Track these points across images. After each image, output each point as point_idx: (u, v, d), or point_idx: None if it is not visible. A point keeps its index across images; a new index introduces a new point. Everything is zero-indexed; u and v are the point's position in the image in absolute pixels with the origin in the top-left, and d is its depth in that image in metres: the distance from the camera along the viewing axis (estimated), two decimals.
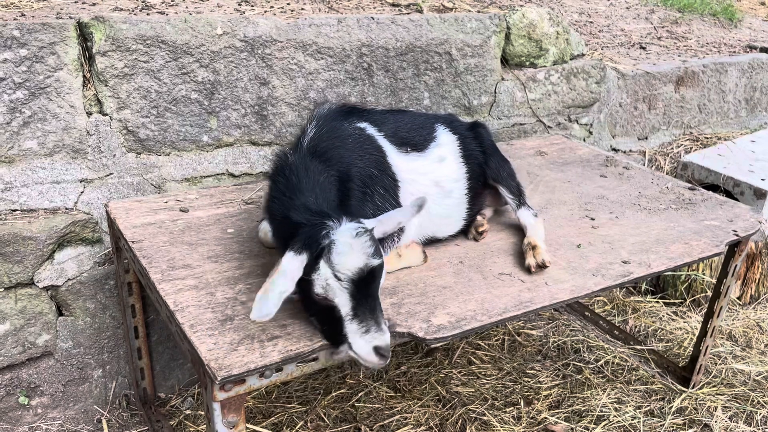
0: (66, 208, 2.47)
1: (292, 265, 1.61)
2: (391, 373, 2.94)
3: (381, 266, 1.66)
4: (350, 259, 1.60)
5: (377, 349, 1.59)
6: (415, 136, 2.22)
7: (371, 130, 2.10)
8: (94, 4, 2.88)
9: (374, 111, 2.26)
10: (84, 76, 2.48)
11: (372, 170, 1.99)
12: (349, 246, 1.61)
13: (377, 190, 1.98)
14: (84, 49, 2.46)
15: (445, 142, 2.27)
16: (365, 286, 1.62)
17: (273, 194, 1.88)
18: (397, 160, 2.09)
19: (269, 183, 1.94)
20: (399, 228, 1.91)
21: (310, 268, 1.62)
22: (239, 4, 3.19)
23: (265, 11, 3.05)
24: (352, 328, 1.61)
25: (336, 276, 1.60)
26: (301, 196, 1.78)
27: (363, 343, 1.60)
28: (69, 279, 2.44)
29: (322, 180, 1.84)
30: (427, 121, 2.32)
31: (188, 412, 2.69)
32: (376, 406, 2.74)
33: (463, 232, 2.32)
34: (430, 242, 2.22)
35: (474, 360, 3.07)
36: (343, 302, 1.61)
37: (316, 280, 1.62)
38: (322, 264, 1.61)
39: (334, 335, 1.65)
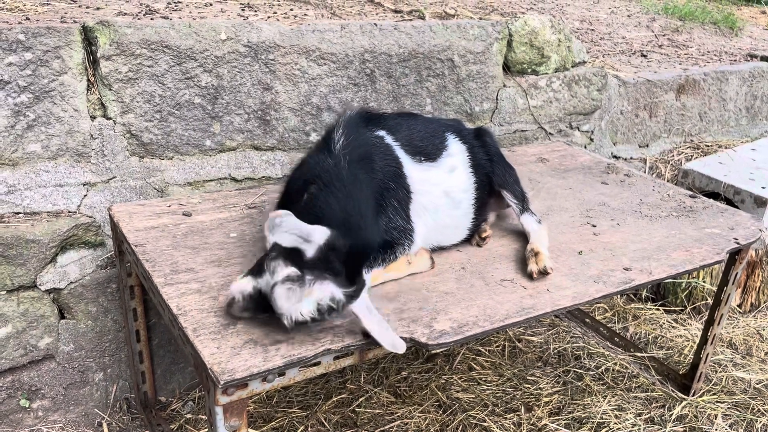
0: (69, 212, 2.48)
1: (269, 272, 1.66)
2: (392, 379, 2.95)
3: (312, 322, 1.62)
4: (282, 307, 1.59)
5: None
6: (428, 145, 2.22)
7: (389, 139, 2.11)
8: (98, 9, 2.90)
9: (388, 116, 2.27)
10: (88, 80, 2.49)
11: (389, 183, 2.00)
12: (291, 299, 1.59)
13: (391, 202, 1.99)
14: (88, 53, 2.47)
15: (456, 152, 2.28)
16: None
17: (313, 193, 1.87)
18: (412, 170, 2.10)
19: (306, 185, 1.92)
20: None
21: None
22: (242, 10, 3.21)
23: (269, 17, 3.07)
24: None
25: (271, 299, 1.62)
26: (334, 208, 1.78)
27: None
28: (71, 282, 2.45)
29: (356, 194, 1.84)
30: (438, 129, 2.32)
31: (189, 416, 2.69)
32: (377, 411, 2.74)
33: (466, 239, 2.33)
34: (433, 250, 2.23)
35: (474, 366, 3.08)
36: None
37: (266, 271, 1.66)
38: (277, 281, 1.61)
39: None
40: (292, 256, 1.65)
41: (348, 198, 1.83)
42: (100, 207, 2.53)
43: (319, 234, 1.68)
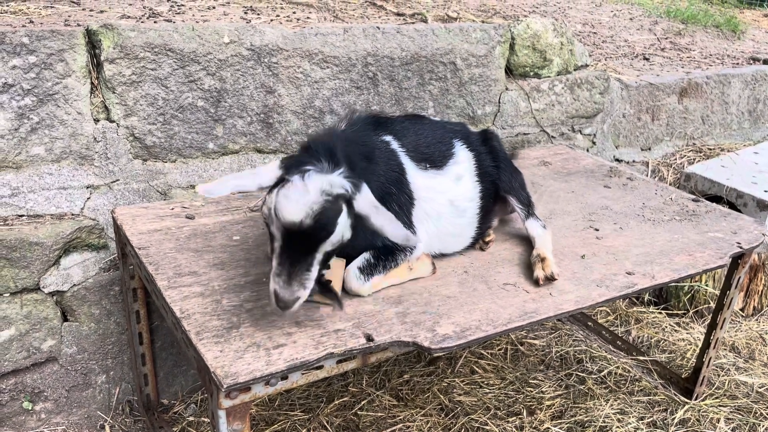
0: (72, 214, 2.48)
1: (266, 169, 1.70)
2: (394, 382, 2.95)
3: (324, 229, 1.62)
4: (287, 209, 1.59)
5: (276, 295, 1.61)
6: (434, 151, 2.20)
7: (394, 144, 2.10)
8: (101, 12, 2.91)
9: (396, 121, 2.25)
10: (92, 83, 2.49)
11: (391, 186, 1.99)
12: (297, 191, 1.60)
13: (392, 207, 1.98)
14: (92, 56, 2.48)
15: (462, 160, 2.26)
16: (297, 239, 1.61)
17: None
18: (416, 177, 2.09)
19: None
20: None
21: (275, 186, 1.67)
22: (245, 13, 3.22)
23: (272, 20, 3.08)
24: (273, 263, 1.65)
25: (275, 213, 1.61)
26: (314, 143, 1.77)
27: (271, 283, 1.64)
28: (74, 284, 2.45)
29: (346, 146, 1.84)
30: (445, 135, 2.30)
31: (191, 418, 2.70)
32: (379, 414, 2.74)
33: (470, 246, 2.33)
34: (435, 256, 2.22)
35: (477, 369, 3.08)
36: (276, 237, 1.64)
37: (266, 199, 1.66)
38: (274, 193, 1.63)
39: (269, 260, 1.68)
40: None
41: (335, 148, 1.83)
42: (104, 210, 2.54)
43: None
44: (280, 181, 1.66)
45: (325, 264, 1.74)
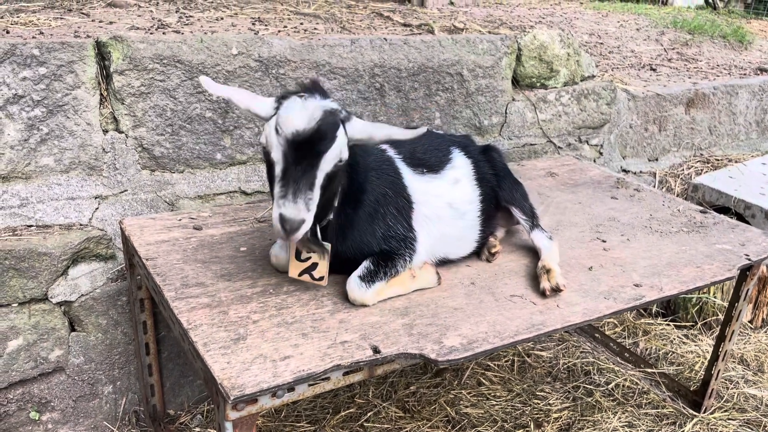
0: (81, 224, 2.49)
1: (266, 100, 1.78)
2: (401, 393, 2.94)
3: (326, 137, 1.67)
4: (291, 117, 1.65)
5: (281, 218, 1.62)
6: (431, 157, 2.24)
7: (390, 151, 2.16)
8: (111, 23, 2.93)
9: None
10: (101, 94, 2.51)
11: (387, 189, 2.03)
12: (299, 105, 1.68)
13: (390, 210, 2.01)
14: (101, 67, 2.50)
15: (460, 165, 2.29)
16: (301, 151, 1.65)
17: None
18: (413, 181, 2.12)
19: None
20: (380, 142, 1.94)
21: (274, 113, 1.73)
22: (253, 24, 3.24)
23: (279, 31, 3.09)
24: (275, 191, 1.67)
25: (276, 129, 1.66)
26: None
27: (275, 208, 1.64)
28: (82, 295, 2.46)
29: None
30: (443, 143, 2.34)
31: (197, 429, 2.69)
32: (385, 426, 2.73)
33: (476, 254, 2.33)
34: (442, 263, 2.23)
35: (483, 381, 3.06)
36: (278, 160, 1.67)
37: (265, 128, 1.71)
38: (276, 115, 1.70)
39: (272, 195, 1.70)
40: None
41: None
42: (112, 220, 2.55)
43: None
44: (279, 106, 1.74)
45: (325, 191, 1.74)
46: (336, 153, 1.70)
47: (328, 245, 1.90)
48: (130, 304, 2.53)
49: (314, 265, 1.95)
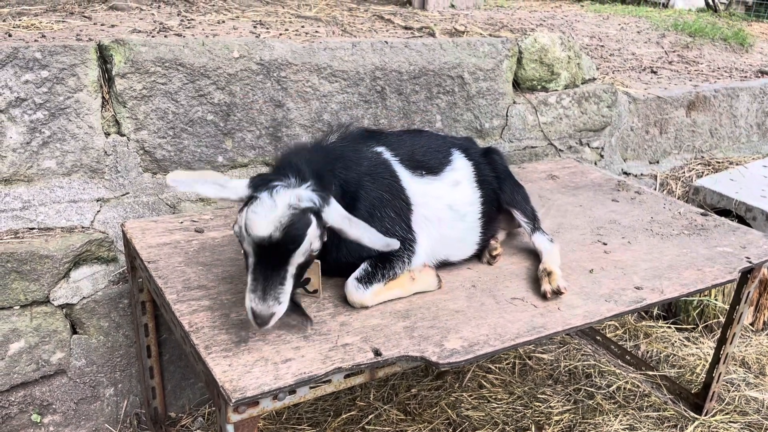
0: (82, 227, 2.50)
1: (235, 184, 1.73)
2: (402, 396, 2.94)
3: (294, 241, 1.66)
4: (257, 224, 1.63)
5: (252, 312, 1.63)
6: (430, 159, 2.23)
7: (387, 154, 2.13)
8: (112, 26, 2.94)
9: (392, 134, 2.28)
10: (103, 97, 2.52)
11: (383, 193, 2.01)
12: (266, 207, 1.64)
13: (387, 213, 1.99)
14: (103, 70, 2.51)
15: (460, 167, 2.28)
16: (269, 253, 1.64)
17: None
18: (412, 184, 2.11)
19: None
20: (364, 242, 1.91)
21: (244, 205, 1.70)
22: (254, 27, 3.25)
23: (281, 34, 3.10)
24: (248, 281, 1.67)
25: (245, 230, 1.65)
26: (286, 159, 1.82)
27: (246, 299, 1.65)
28: (84, 297, 2.46)
29: (319, 163, 1.87)
30: (443, 145, 2.33)
31: None
32: (387, 429, 2.73)
33: (477, 256, 2.33)
34: (443, 266, 2.23)
35: (485, 384, 3.06)
36: (249, 252, 1.67)
37: (237, 219, 1.69)
38: (244, 211, 1.67)
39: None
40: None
41: (314, 159, 1.86)
42: (113, 223, 2.55)
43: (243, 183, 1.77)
44: (249, 200, 1.70)
45: (299, 278, 1.76)
46: (306, 248, 1.69)
47: (317, 262, 1.91)
48: (131, 306, 2.53)
49: (307, 279, 1.95)
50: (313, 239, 1.70)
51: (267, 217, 1.63)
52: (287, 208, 1.65)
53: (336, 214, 1.76)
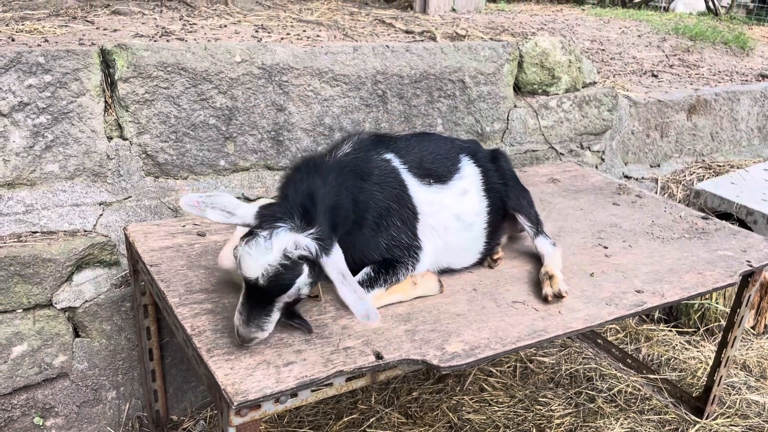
0: (85, 231, 2.51)
1: (245, 212, 1.75)
2: (403, 399, 2.94)
3: (281, 288, 1.68)
4: (247, 265, 1.66)
5: (236, 329, 1.70)
6: (439, 167, 2.21)
7: (396, 162, 2.11)
8: (115, 31, 2.95)
9: (401, 138, 2.26)
10: (105, 101, 2.53)
11: (390, 203, 2.01)
12: (260, 250, 1.65)
13: (394, 222, 2.00)
14: (106, 75, 2.52)
15: (469, 174, 2.27)
16: (255, 291, 1.68)
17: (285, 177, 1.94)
18: (419, 192, 2.10)
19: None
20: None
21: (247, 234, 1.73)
22: (256, 31, 3.26)
23: (282, 38, 3.12)
24: (240, 299, 1.72)
25: (238, 264, 1.69)
26: (299, 187, 1.81)
27: (235, 315, 1.71)
28: (86, 301, 2.47)
29: (332, 191, 1.85)
30: (451, 150, 2.31)
31: None
32: None
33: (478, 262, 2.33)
34: (444, 271, 2.23)
35: (486, 387, 3.07)
36: (242, 280, 1.72)
37: (237, 248, 1.71)
38: (242, 244, 1.69)
39: None
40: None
41: (315, 183, 1.84)
42: (116, 226, 2.56)
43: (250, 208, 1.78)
44: (251, 233, 1.71)
45: (288, 310, 1.78)
46: (294, 293, 1.71)
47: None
48: (134, 309, 2.54)
49: None
50: (302, 286, 1.72)
51: (258, 260, 1.64)
52: (281, 254, 1.65)
53: (332, 267, 1.73)
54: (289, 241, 1.67)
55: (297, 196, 1.77)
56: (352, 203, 1.92)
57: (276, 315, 1.73)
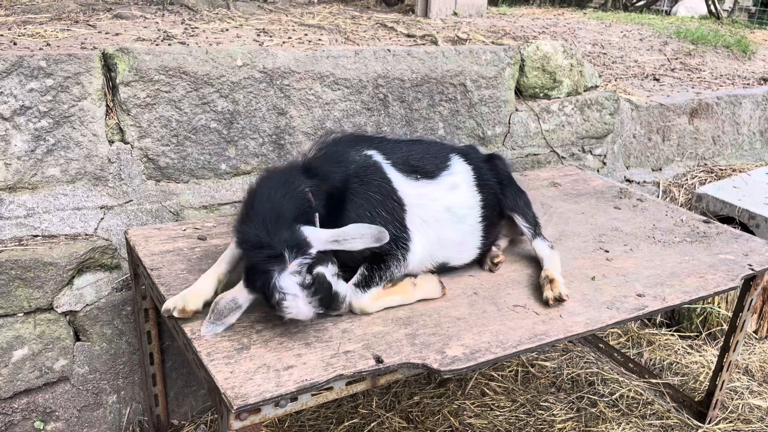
0: (86, 234, 2.51)
1: (246, 300, 1.85)
2: (404, 404, 2.93)
3: (322, 284, 1.78)
4: (303, 315, 1.77)
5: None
6: (426, 164, 2.22)
7: (378, 157, 2.12)
8: (117, 34, 2.96)
9: (386, 140, 2.27)
10: (107, 105, 2.53)
11: (372, 194, 2.00)
12: (300, 312, 1.76)
13: (378, 212, 1.99)
14: (108, 79, 2.52)
15: (459, 171, 2.28)
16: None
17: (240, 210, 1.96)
18: (405, 186, 2.10)
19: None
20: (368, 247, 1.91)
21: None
22: (258, 35, 3.27)
23: (284, 42, 3.12)
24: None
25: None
26: (253, 217, 1.83)
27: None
28: (87, 304, 2.47)
29: (296, 193, 1.87)
30: (442, 151, 2.33)
31: None
32: None
33: (478, 262, 2.33)
34: (444, 270, 2.22)
35: (487, 391, 3.06)
36: None
37: (270, 297, 1.76)
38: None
39: None
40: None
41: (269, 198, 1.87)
42: (117, 230, 2.56)
43: None
44: (264, 297, 1.79)
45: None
46: (332, 268, 1.84)
47: None
48: (134, 313, 2.54)
49: None
50: (330, 267, 1.82)
51: (302, 309, 1.76)
52: (302, 281, 1.75)
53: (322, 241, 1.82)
54: (291, 276, 1.74)
55: (260, 230, 1.80)
56: (325, 197, 1.94)
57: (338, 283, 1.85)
